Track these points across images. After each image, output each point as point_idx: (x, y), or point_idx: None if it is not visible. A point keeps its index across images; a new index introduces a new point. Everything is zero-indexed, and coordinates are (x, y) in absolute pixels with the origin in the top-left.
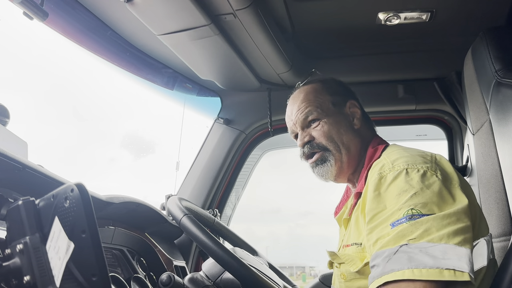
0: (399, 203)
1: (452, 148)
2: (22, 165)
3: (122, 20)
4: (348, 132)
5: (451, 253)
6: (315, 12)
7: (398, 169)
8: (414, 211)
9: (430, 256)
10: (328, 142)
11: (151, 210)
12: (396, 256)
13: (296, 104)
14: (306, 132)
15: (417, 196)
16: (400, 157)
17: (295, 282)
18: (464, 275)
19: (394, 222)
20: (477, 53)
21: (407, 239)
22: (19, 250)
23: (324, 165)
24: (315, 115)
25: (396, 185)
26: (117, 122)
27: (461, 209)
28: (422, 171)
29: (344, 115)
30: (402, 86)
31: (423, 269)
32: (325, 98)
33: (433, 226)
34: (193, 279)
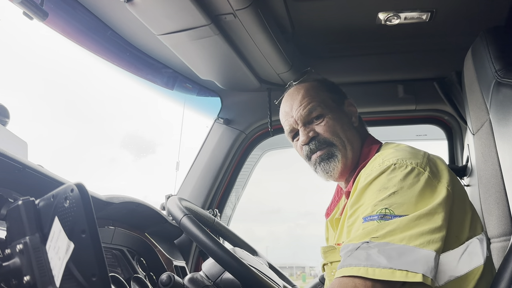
0: (376, 199)
1: (452, 148)
2: (22, 165)
3: (122, 20)
4: (350, 129)
5: (408, 255)
6: (315, 12)
7: (386, 165)
8: (387, 211)
9: (386, 256)
10: (334, 137)
11: (151, 210)
12: (356, 252)
13: (297, 100)
14: (309, 128)
15: (395, 196)
16: (391, 154)
17: (295, 282)
18: (417, 276)
19: (367, 217)
20: (477, 53)
21: (370, 236)
22: (19, 250)
23: (331, 160)
24: (319, 110)
25: (379, 181)
26: (117, 123)
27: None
28: (410, 167)
29: (344, 113)
30: (402, 86)
31: (376, 269)
32: (326, 94)
33: (399, 228)
34: (193, 279)
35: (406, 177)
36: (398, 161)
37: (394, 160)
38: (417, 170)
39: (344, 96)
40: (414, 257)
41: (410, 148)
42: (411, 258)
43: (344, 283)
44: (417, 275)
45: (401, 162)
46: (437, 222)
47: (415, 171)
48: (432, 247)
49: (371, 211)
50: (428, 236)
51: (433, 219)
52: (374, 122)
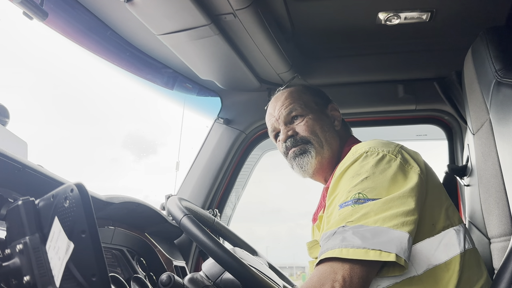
0: (350, 186)
1: (452, 148)
2: (22, 165)
3: (122, 20)
4: (330, 130)
5: (381, 235)
6: (315, 12)
7: (358, 153)
8: (360, 195)
9: (359, 237)
10: (312, 136)
11: (151, 210)
12: (333, 237)
13: (280, 101)
14: (289, 127)
15: (367, 181)
16: (363, 144)
17: (295, 282)
18: (390, 256)
19: (342, 203)
20: (477, 53)
21: (346, 221)
22: (19, 250)
23: (304, 155)
24: (299, 111)
25: (352, 168)
26: (117, 122)
27: (409, 190)
28: (381, 154)
29: (326, 116)
30: (402, 86)
31: (350, 249)
32: (308, 97)
33: (373, 210)
34: (193, 279)
35: (378, 163)
36: (370, 149)
37: (366, 148)
38: (389, 157)
39: (329, 100)
40: (387, 238)
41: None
42: (384, 238)
43: (323, 270)
44: (391, 255)
45: (373, 150)
46: (410, 205)
47: (386, 158)
48: (405, 229)
49: (345, 198)
50: (401, 218)
51: (406, 202)
52: (374, 122)
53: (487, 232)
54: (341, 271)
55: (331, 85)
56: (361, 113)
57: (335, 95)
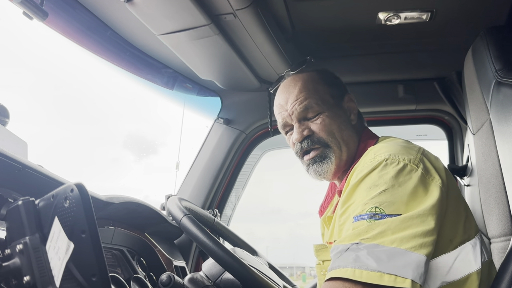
0: (367, 197)
1: (452, 148)
2: (22, 165)
3: (122, 20)
4: (347, 128)
5: (398, 258)
6: (315, 12)
7: (377, 160)
8: (377, 210)
9: (375, 259)
10: (329, 137)
11: (151, 210)
12: (346, 253)
13: (293, 94)
14: (304, 125)
15: (386, 194)
16: (383, 148)
17: (295, 282)
18: (406, 282)
19: (357, 216)
20: (477, 52)
21: (360, 238)
22: (19, 250)
23: (324, 162)
24: (316, 108)
25: (370, 178)
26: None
27: (429, 207)
28: (402, 164)
29: (342, 110)
30: (402, 86)
31: (364, 271)
32: (324, 89)
33: (390, 229)
34: (193, 279)
35: (398, 174)
36: (390, 157)
37: (386, 155)
38: (410, 167)
39: (345, 90)
40: (404, 261)
41: (405, 142)
42: (401, 262)
43: (333, 286)
44: (406, 281)
45: (393, 158)
46: (430, 225)
47: (407, 168)
48: (423, 251)
49: (361, 210)
50: (419, 239)
51: (426, 221)
52: (374, 122)
53: (487, 232)
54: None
55: None
56: (361, 113)
57: None
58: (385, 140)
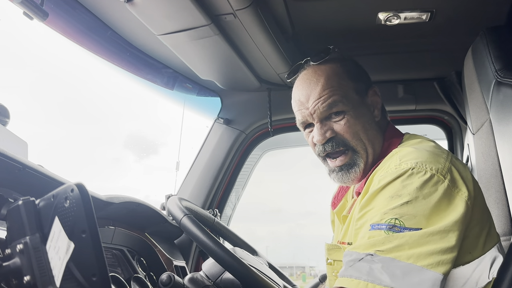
0: (387, 207)
1: (452, 148)
2: (22, 165)
3: (122, 20)
4: (372, 126)
5: (413, 275)
6: (315, 12)
7: (403, 168)
8: (397, 222)
9: (389, 274)
10: (354, 140)
11: (151, 210)
12: (359, 263)
13: (316, 91)
14: (326, 125)
15: (408, 206)
16: (410, 154)
17: (295, 282)
18: None
19: (374, 224)
20: (477, 52)
21: (375, 249)
22: (19, 250)
23: (351, 171)
24: (340, 106)
25: (393, 186)
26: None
27: (451, 223)
28: (429, 174)
29: (366, 106)
30: (402, 86)
31: (377, 286)
32: (349, 84)
33: (408, 243)
34: (193, 279)
35: (423, 185)
36: (417, 165)
37: (413, 163)
38: (437, 178)
39: (369, 84)
40: (419, 279)
41: (433, 147)
42: (416, 280)
43: None
44: None
45: (420, 167)
46: (451, 242)
47: (434, 179)
48: (441, 269)
49: (379, 219)
50: (438, 256)
51: (447, 238)
52: None
53: None
54: None
55: None
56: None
57: None
58: (412, 142)
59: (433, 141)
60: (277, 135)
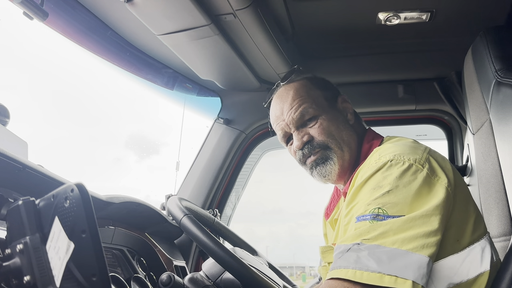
0: (370, 198)
1: (452, 148)
2: (22, 165)
3: (122, 20)
4: (346, 128)
5: (399, 259)
6: (315, 12)
7: (382, 161)
8: (380, 211)
9: (375, 260)
10: (329, 139)
11: (151, 210)
12: (347, 253)
13: (287, 102)
14: (303, 131)
15: (389, 195)
16: (389, 149)
17: (295, 282)
18: (407, 283)
19: (359, 216)
20: (477, 52)
21: (361, 238)
22: (19, 250)
23: (326, 164)
24: (312, 112)
25: (375, 179)
26: (119, 123)
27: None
28: (407, 164)
29: (338, 111)
30: (402, 86)
31: (364, 272)
32: (317, 93)
33: (392, 230)
34: (193, 279)
35: (402, 174)
36: (395, 157)
37: (391, 156)
38: (415, 167)
39: (337, 92)
40: (405, 262)
41: (411, 142)
42: (402, 263)
43: (333, 286)
44: (407, 282)
45: (398, 158)
46: (433, 225)
47: (412, 168)
48: (426, 252)
49: (364, 211)
50: (422, 239)
51: (429, 222)
52: (374, 122)
53: None
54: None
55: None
56: (361, 113)
57: None
58: (391, 140)
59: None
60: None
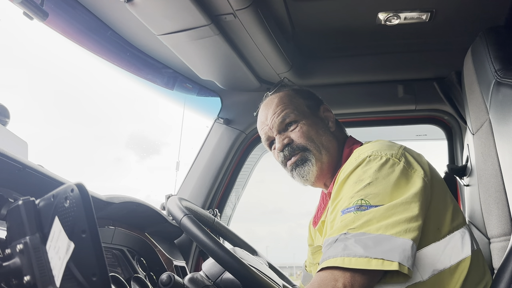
0: (353, 191)
1: (452, 148)
2: (22, 165)
3: (122, 20)
4: (326, 133)
5: (384, 243)
6: (315, 12)
7: (361, 158)
8: (363, 202)
9: (362, 246)
10: (308, 142)
11: (151, 210)
12: (335, 244)
13: (271, 109)
14: (284, 135)
15: (370, 186)
16: (366, 147)
17: (295, 282)
18: (393, 264)
19: (344, 209)
20: (477, 53)
21: (348, 228)
22: (19, 250)
23: (305, 165)
24: (292, 117)
25: (355, 174)
26: (119, 123)
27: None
28: (384, 159)
29: (319, 118)
30: (402, 86)
31: (352, 258)
32: (300, 101)
33: (375, 217)
34: (193, 279)
35: (381, 168)
36: (373, 153)
37: (369, 152)
38: (392, 161)
39: (320, 102)
40: (390, 246)
41: (387, 141)
42: (387, 247)
43: (324, 277)
44: (393, 264)
45: (376, 154)
46: (414, 211)
47: (390, 162)
48: (409, 236)
49: (348, 204)
50: (404, 224)
51: (410, 208)
52: (374, 122)
53: (487, 232)
54: (342, 279)
55: (331, 85)
56: (361, 113)
57: (335, 95)
58: (369, 142)
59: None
60: None
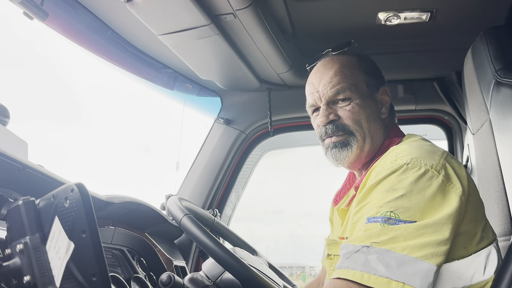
0: (383, 200)
1: (452, 148)
2: (22, 165)
3: (122, 20)
4: (376, 120)
5: (407, 266)
6: (315, 12)
7: (398, 163)
8: (392, 215)
9: (384, 264)
10: (356, 126)
11: (151, 210)
12: (355, 255)
13: (328, 75)
14: (331, 108)
15: (403, 199)
16: (406, 150)
17: (295, 282)
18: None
19: (370, 217)
20: (477, 53)
21: (371, 241)
22: (19, 250)
23: (344, 149)
24: (348, 93)
25: (389, 180)
26: (119, 123)
27: (445, 217)
28: (424, 169)
29: (375, 101)
30: (402, 86)
31: (372, 276)
32: (360, 77)
33: (403, 235)
34: (193, 279)
35: (418, 179)
36: (412, 161)
37: (408, 159)
38: (431, 173)
39: (381, 82)
40: (413, 269)
41: (428, 146)
42: (410, 270)
43: (339, 286)
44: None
45: (415, 162)
46: (444, 234)
47: (428, 174)
48: (435, 261)
49: (375, 212)
50: (432, 248)
51: (441, 230)
52: None
53: None
54: None
55: None
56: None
57: None
58: (409, 141)
59: (430, 142)
60: (277, 135)
